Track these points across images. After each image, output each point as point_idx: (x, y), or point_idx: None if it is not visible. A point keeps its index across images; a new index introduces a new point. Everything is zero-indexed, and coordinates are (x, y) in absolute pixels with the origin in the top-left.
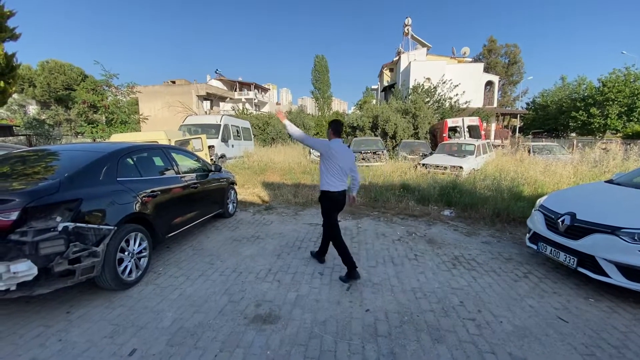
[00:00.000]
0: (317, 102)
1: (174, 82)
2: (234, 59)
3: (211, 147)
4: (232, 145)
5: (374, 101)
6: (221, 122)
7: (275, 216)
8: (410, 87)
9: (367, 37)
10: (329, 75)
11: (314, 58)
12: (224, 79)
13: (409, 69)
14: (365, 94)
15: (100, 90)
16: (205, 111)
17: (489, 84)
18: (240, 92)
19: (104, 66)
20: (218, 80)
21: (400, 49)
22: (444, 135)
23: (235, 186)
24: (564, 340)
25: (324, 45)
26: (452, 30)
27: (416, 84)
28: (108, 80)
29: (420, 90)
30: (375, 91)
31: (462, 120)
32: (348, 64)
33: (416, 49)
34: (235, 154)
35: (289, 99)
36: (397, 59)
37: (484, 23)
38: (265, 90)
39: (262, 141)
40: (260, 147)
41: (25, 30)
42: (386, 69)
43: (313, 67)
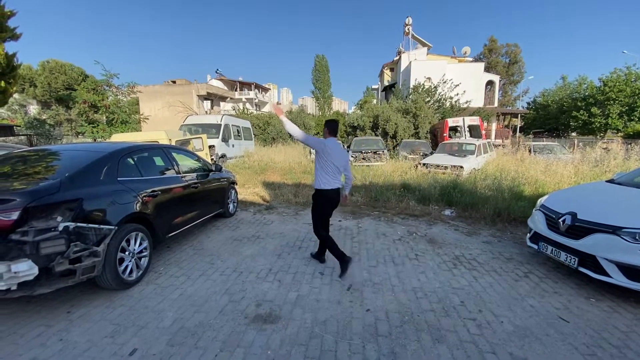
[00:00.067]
0: (318, 102)
1: (174, 82)
2: (234, 59)
3: (212, 146)
4: (233, 145)
5: (374, 101)
6: (222, 122)
7: (276, 216)
8: (410, 86)
9: (368, 36)
10: (330, 74)
11: (314, 58)
12: (224, 79)
13: (409, 68)
14: (365, 93)
15: (101, 90)
16: (206, 111)
17: (489, 83)
18: (241, 91)
19: (104, 66)
20: (218, 80)
21: (400, 49)
22: (445, 134)
23: (235, 186)
24: (564, 340)
25: (324, 45)
26: (452, 30)
27: (417, 84)
28: (108, 80)
29: (420, 89)
30: (376, 91)
31: (463, 119)
32: (348, 64)
33: (417, 49)
34: (236, 153)
35: (290, 99)
36: (397, 58)
37: (484, 23)
38: (265, 90)
39: (263, 141)
40: (261, 147)
41: (26, 30)
42: (387, 68)
43: (313, 66)
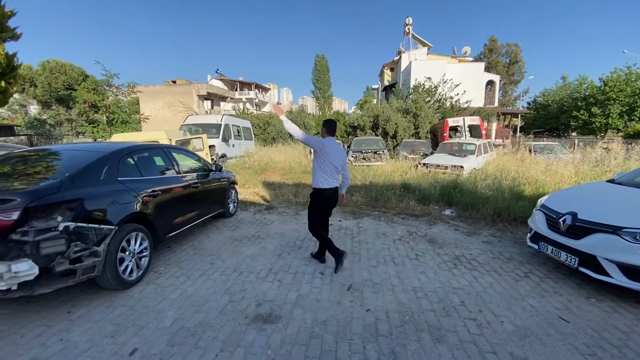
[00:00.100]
0: (318, 102)
1: (174, 82)
2: (234, 59)
3: (212, 146)
4: (233, 144)
5: (374, 101)
6: (222, 122)
7: (276, 216)
8: (411, 86)
9: (368, 36)
10: (330, 74)
11: (314, 57)
12: (224, 79)
13: (409, 68)
14: (366, 93)
15: (101, 90)
16: (206, 111)
17: (490, 83)
18: (241, 91)
19: (104, 66)
20: (219, 80)
21: (401, 49)
22: (445, 134)
23: (236, 186)
24: (565, 340)
25: (324, 44)
26: (453, 30)
27: (417, 84)
28: (109, 80)
29: (421, 89)
30: (376, 91)
31: (463, 119)
32: (349, 64)
33: (417, 49)
34: (236, 153)
35: (290, 99)
36: (397, 58)
37: (484, 22)
38: (266, 90)
39: (263, 141)
40: (261, 147)
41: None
42: (387, 68)
43: (314, 66)
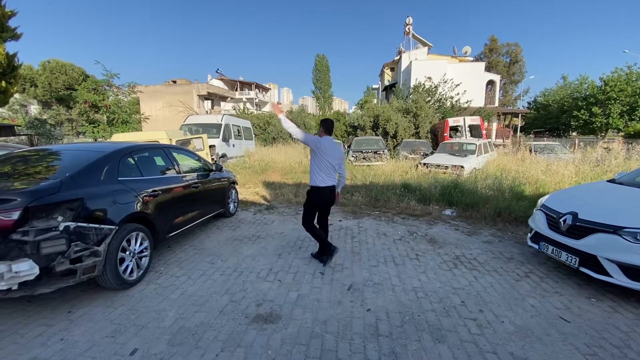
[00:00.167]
0: (318, 102)
1: (175, 82)
2: (234, 59)
3: (212, 146)
4: (233, 144)
5: (375, 100)
6: (222, 122)
7: (276, 216)
8: (411, 86)
9: (368, 36)
10: (330, 74)
11: (314, 57)
12: (225, 79)
13: (410, 68)
14: (366, 93)
15: (102, 90)
16: (206, 111)
17: (490, 83)
18: (241, 91)
19: (105, 66)
20: (219, 79)
21: (401, 48)
22: (445, 134)
23: (236, 186)
24: (565, 340)
25: (324, 44)
26: (453, 30)
27: (417, 83)
28: (109, 80)
29: (421, 89)
30: (376, 90)
31: (464, 119)
32: (349, 64)
33: (417, 48)
34: (236, 153)
35: (290, 99)
36: (398, 58)
37: (485, 22)
38: (266, 89)
39: (263, 141)
40: (261, 147)
41: (27, 30)
42: (387, 68)
43: (314, 66)
